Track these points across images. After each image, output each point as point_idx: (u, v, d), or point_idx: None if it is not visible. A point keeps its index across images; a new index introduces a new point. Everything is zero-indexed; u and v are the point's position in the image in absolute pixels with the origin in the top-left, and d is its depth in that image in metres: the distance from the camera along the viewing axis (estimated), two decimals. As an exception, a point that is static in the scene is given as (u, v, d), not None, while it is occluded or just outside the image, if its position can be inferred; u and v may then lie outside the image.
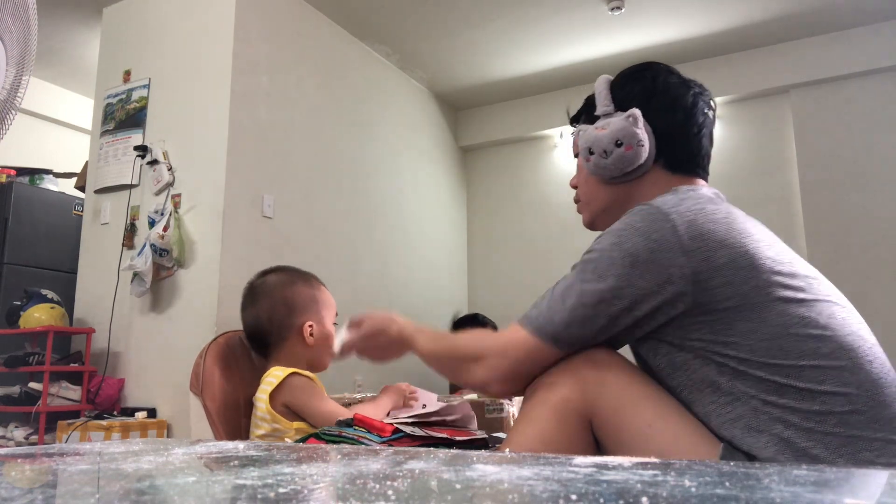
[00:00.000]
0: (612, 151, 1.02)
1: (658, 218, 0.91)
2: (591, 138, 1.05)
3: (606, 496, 0.35)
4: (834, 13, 3.51)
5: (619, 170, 1.03)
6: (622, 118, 1.02)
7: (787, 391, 0.84)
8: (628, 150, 1.01)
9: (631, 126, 1.01)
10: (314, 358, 1.48)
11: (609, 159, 1.02)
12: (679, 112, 1.03)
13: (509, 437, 0.98)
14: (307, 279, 1.53)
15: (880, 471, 0.41)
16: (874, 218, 3.50)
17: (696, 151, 1.04)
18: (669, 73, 1.08)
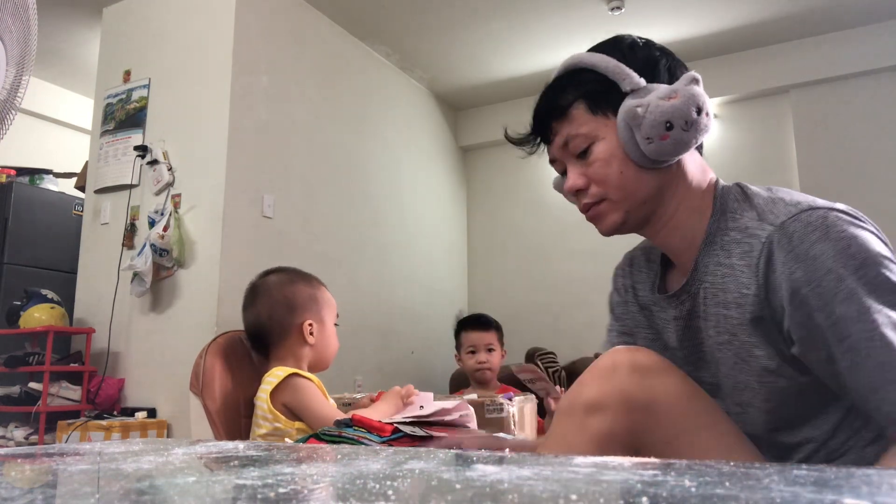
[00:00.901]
0: (694, 121, 0.85)
1: (849, 217, 0.82)
2: (666, 110, 0.85)
3: (606, 496, 0.35)
4: (834, 13, 3.51)
5: (673, 154, 0.87)
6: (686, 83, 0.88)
7: None
8: (705, 120, 0.87)
9: (681, 103, 0.86)
10: (315, 357, 1.49)
11: (690, 130, 0.86)
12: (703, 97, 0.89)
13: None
14: (308, 279, 1.54)
15: (881, 471, 0.41)
16: (874, 218, 3.49)
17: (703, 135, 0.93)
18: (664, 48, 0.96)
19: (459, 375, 3.41)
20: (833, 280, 0.77)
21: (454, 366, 3.49)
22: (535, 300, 4.39)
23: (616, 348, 0.86)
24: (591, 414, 0.80)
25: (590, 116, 0.93)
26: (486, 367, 2.59)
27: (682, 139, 0.86)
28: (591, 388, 0.82)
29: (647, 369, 0.82)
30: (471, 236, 4.74)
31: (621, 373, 0.81)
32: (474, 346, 2.62)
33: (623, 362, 0.82)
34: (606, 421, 0.79)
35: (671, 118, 0.85)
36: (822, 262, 0.78)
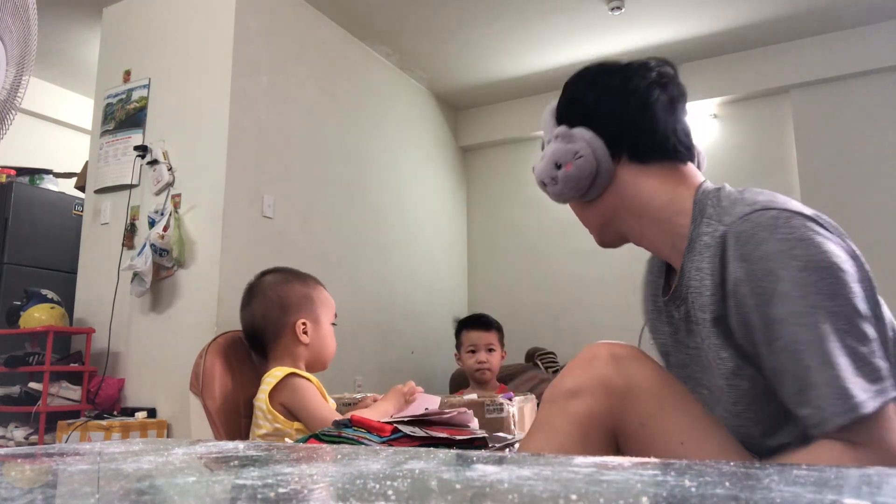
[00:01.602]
0: (557, 175, 0.96)
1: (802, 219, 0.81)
2: (537, 172, 1.00)
3: (606, 496, 0.35)
4: (834, 13, 3.51)
5: (575, 189, 0.97)
6: (552, 140, 0.98)
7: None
8: (569, 168, 0.95)
9: (562, 144, 0.96)
10: (311, 357, 1.48)
11: (559, 184, 0.97)
12: (613, 95, 0.97)
13: (525, 445, 0.92)
14: (304, 279, 1.54)
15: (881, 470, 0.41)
16: (874, 218, 3.50)
17: (654, 131, 0.95)
18: (599, 72, 1.02)
19: (459, 375, 3.41)
20: (772, 281, 0.78)
21: (454, 366, 3.49)
22: (535, 300, 4.39)
23: (597, 342, 0.93)
24: (572, 398, 0.87)
25: None
26: (486, 367, 2.59)
27: (557, 192, 0.98)
28: (571, 377, 0.89)
29: (624, 358, 0.88)
30: (471, 236, 4.74)
31: (600, 361, 0.88)
32: (475, 346, 2.62)
33: (601, 353, 0.89)
34: (586, 404, 0.86)
35: (541, 178, 1.00)
36: (763, 262, 0.79)
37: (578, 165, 0.95)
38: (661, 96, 0.96)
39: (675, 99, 0.97)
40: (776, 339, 0.78)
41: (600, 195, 0.98)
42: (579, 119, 0.97)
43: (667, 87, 0.97)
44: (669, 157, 0.97)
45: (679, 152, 0.97)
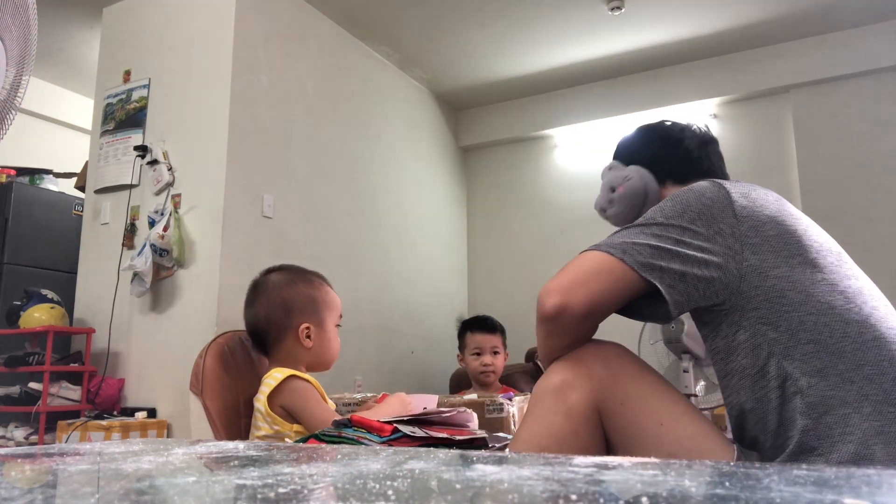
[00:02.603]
0: (612, 198, 1.21)
1: (710, 185, 0.99)
2: (597, 202, 1.26)
3: (606, 496, 0.35)
4: (834, 13, 3.51)
5: (630, 206, 1.19)
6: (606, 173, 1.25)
7: (829, 373, 0.85)
8: (621, 189, 1.20)
9: (614, 172, 1.23)
10: (313, 359, 1.47)
11: (616, 205, 1.21)
12: (654, 140, 1.23)
13: (517, 435, 0.97)
14: (308, 279, 1.51)
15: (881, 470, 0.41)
16: (874, 218, 3.50)
17: (688, 157, 1.18)
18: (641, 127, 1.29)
19: (459, 375, 3.41)
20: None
21: (454, 366, 3.49)
22: (535, 300, 4.37)
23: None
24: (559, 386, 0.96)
25: None
26: (491, 370, 2.58)
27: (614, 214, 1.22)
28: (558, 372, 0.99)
29: (611, 356, 0.98)
30: (471, 236, 4.74)
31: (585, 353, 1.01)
32: (479, 349, 2.62)
33: (587, 348, 1.00)
34: (573, 386, 0.95)
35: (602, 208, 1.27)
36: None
37: (628, 186, 1.19)
38: (693, 138, 1.21)
39: (708, 140, 1.22)
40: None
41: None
42: (627, 160, 1.24)
43: (696, 133, 1.23)
44: (704, 175, 1.15)
45: (714, 171, 1.18)
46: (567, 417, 0.92)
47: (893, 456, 0.79)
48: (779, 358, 0.87)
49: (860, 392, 0.83)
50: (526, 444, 0.91)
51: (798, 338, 0.87)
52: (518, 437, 0.95)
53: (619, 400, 0.92)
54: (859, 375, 0.84)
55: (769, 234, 0.91)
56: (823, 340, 0.86)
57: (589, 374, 0.95)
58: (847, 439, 0.81)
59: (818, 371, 0.85)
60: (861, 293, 0.91)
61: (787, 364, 0.87)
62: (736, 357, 0.92)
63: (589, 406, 0.93)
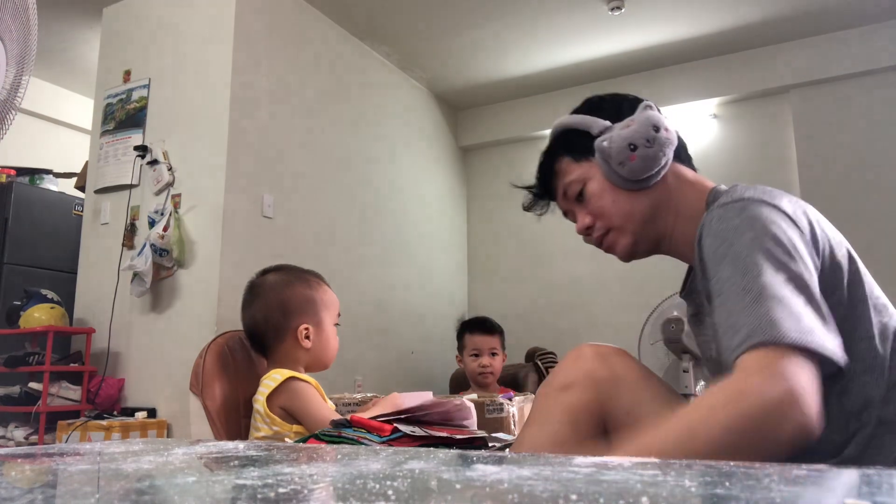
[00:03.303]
0: (655, 137, 0.97)
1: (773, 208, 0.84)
2: (627, 135, 0.98)
3: (606, 496, 0.35)
4: (834, 13, 3.51)
5: (663, 156, 0.98)
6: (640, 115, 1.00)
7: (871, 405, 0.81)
8: (667, 132, 0.99)
9: (655, 112, 1.01)
10: (312, 360, 1.47)
11: (654, 147, 0.97)
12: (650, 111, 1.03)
13: (520, 440, 0.96)
14: (306, 279, 1.51)
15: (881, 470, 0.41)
16: (874, 218, 3.50)
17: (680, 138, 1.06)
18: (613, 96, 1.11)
19: (459, 376, 3.41)
20: (725, 247, 0.82)
21: (454, 366, 3.49)
22: (535, 300, 4.39)
23: (582, 344, 1.01)
24: (563, 391, 0.94)
25: (575, 164, 1.06)
26: (489, 371, 2.60)
27: (647, 155, 0.97)
28: (561, 373, 0.97)
29: (608, 355, 0.96)
30: (471, 236, 4.74)
31: (586, 358, 0.96)
32: (478, 350, 2.63)
33: (587, 351, 0.97)
34: (575, 395, 0.93)
35: (632, 140, 0.97)
36: (724, 234, 0.84)
37: (671, 133, 1.00)
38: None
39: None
40: (719, 294, 0.79)
41: (656, 184, 1.00)
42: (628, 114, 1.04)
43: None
44: (689, 161, 1.07)
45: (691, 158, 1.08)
46: (573, 427, 0.91)
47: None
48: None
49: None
50: (530, 451, 0.91)
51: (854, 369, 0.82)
52: (521, 444, 0.94)
53: (625, 409, 0.91)
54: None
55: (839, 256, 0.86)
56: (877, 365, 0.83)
57: (594, 381, 0.93)
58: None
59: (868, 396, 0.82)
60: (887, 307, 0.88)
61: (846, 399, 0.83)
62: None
63: (594, 415, 0.91)
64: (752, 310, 0.73)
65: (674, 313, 3.08)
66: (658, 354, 3.21)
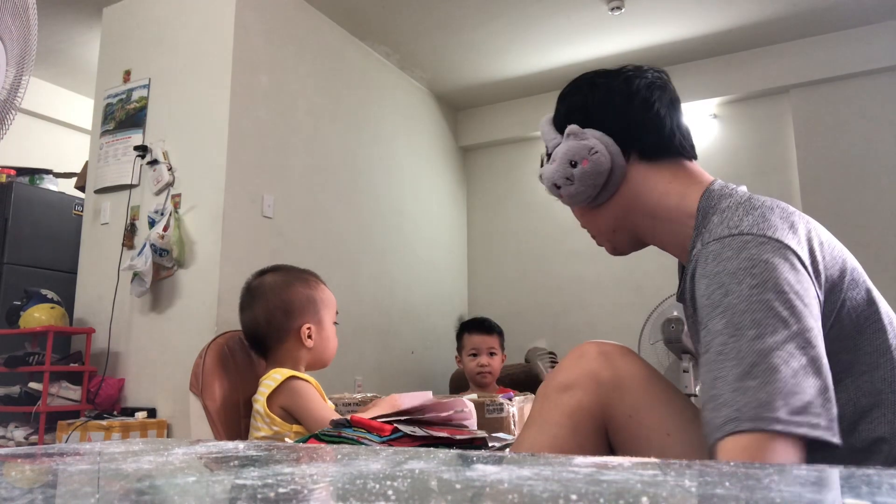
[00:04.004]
0: (573, 174, 0.94)
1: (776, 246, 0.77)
2: (549, 175, 0.97)
3: (606, 496, 0.35)
4: (834, 13, 3.51)
5: (592, 186, 0.94)
6: (563, 140, 0.96)
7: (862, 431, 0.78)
8: (585, 164, 0.93)
9: (574, 141, 0.95)
10: (314, 359, 1.48)
11: (576, 183, 0.94)
12: (617, 98, 0.96)
13: (519, 441, 0.94)
14: (304, 279, 1.51)
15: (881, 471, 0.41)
16: (874, 218, 3.50)
17: (661, 129, 0.95)
18: (596, 75, 1.02)
19: (459, 376, 3.41)
20: (721, 295, 0.75)
21: (454, 366, 3.49)
22: (535, 300, 4.39)
23: (585, 342, 0.96)
24: (564, 392, 0.90)
25: None
26: (487, 371, 2.60)
27: (572, 192, 0.96)
28: (562, 373, 0.93)
29: (611, 354, 0.91)
30: (471, 236, 4.74)
31: (589, 357, 0.91)
32: (476, 350, 2.63)
33: (590, 350, 0.93)
34: (576, 396, 0.89)
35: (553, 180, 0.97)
36: (719, 277, 0.77)
37: (594, 160, 0.93)
38: (663, 96, 0.97)
39: (675, 100, 0.98)
40: (707, 350, 0.74)
41: (611, 197, 0.97)
42: (584, 123, 0.96)
43: (665, 88, 0.98)
44: (676, 154, 0.96)
45: (685, 149, 0.97)
46: (573, 431, 0.88)
47: None
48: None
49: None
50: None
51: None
52: (521, 446, 0.92)
53: (628, 412, 0.87)
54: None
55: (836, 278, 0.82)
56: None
57: (597, 382, 0.89)
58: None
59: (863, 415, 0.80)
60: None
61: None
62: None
63: (596, 418, 0.88)
64: (739, 384, 0.68)
65: (674, 313, 3.08)
66: (658, 354, 3.21)
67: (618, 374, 0.89)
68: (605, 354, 0.92)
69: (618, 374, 0.89)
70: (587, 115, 0.97)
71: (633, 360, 0.92)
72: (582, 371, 0.91)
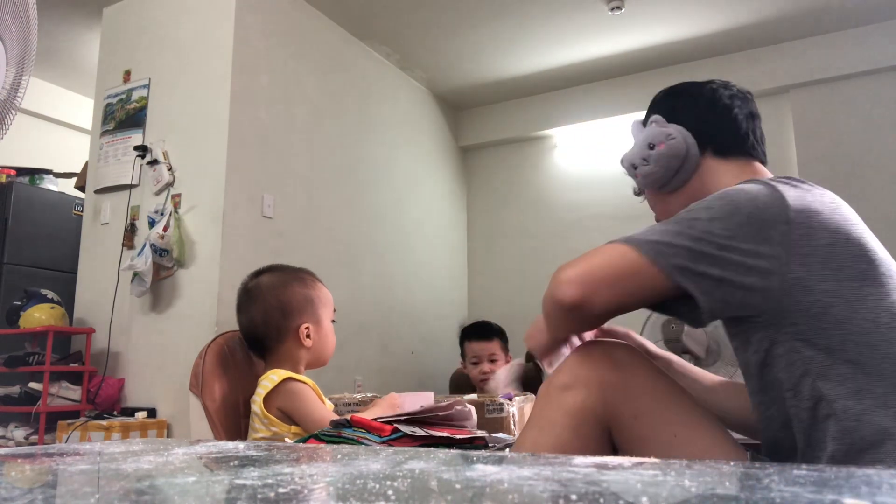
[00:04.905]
0: (650, 155, 1.07)
1: (768, 187, 0.90)
2: (629, 156, 1.10)
3: (606, 496, 0.35)
4: (834, 13, 3.51)
5: (667, 168, 1.06)
6: (644, 132, 1.09)
7: (866, 396, 0.80)
8: (661, 147, 1.05)
9: (653, 128, 1.08)
10: (312, 358, 1.48)
11: (651, 164, 1.07)
12: (701, 102, 1.08)
13: (521, 442, 0.93)
14: (301, 279, 1.51)
15: (881, 470, 0.41)
16: (874, 218, 3.49)
17: (737, 131, 1.06)
18: (687, 84, 1.14)
19: (459, 376, 3.41)
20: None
21: (454, 366, 3.48)
22: (535, 300, 4.35)
23: (590, 340, 0.99)
24: (566, 392, 0.90)
25: None
26: (490, 378, 2.60)
27: (647, 173, 1.08)
28: (566, 372, 0.93)
29: (617, 353, 0.92)
30: (471, 236, 4.74)
31: (594, 357, 0.92)
32: (477, 357, 2.65)
33: (595, 349, 0.93)
34: (579, 396, 0.89)
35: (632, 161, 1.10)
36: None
37: (670, 145, 1.05)
38: (743, 106, 1.09)
39: (754, 114, 1.11)
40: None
41: (684, 185, 1.07)
42: (669, 119, 1.09)
43: (746, 100, 1.11)
44: (747, 153, 1.07)
45: (756, 150, 1.08)
46: (576, 431, 0.87)
47: None
48: (813, 377, 0.83)
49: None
50: None
51: (836, 357, 0.82)
52: (523, 446, 0.91)
53: (633, 413, 0.87)
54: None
55: (820, 244, 0.86)
56: (864, 362, 0.81)
57: (600, 382, 0.89)
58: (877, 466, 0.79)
59: (854, 394, 0.80)
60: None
61: (822, 384, 0.82)
62: (771, 371, 0.86)
63: (599, 420, 0.87)
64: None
65: (674, 313, 3.07)
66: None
67: (624, 375, 0.90)
68: (609, 353, 0.92)
69: (624, 375, 0.90)
70: (672, 113, 1.10)
71: (639, 361, 0.92)
72: (586, 371, 0.90)
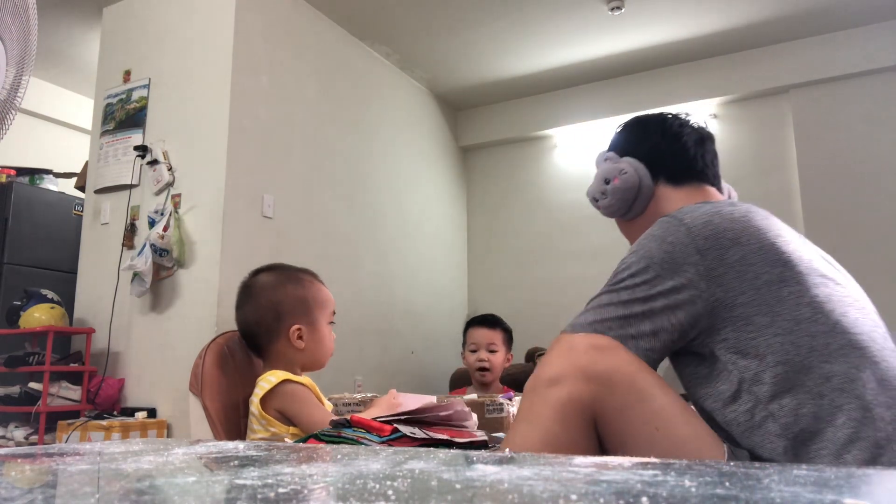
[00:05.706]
0: (606, 189, 1.17)
1: (672, 223, 0.97)
2: (590, 190, 1.21)
3: (606, 496, 0.35)
4: (834, 13, 3.51)
5: (622, 200, 1.16)
6: (600, 168, 1.20)
7: (799, 390, 0.85)
8: (616, 181, 1.16)
9: (609, 163, 1.18)
10: (307, 360, 1.46)
11: (609, 196, 1.17)
12: (653, 133, 1.18)
13: (509, 438, 0.95)
14: (298, 279, 1.48)
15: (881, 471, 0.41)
16: (874, 218, 3.50)
17: (685, 156, 1.15)
18: (641, 117, 1.24)
19: (459, 375, 3.41)
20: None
21: (454, 366, 3.49)
22: (535, 300, 4.39)
23: (574, 334, 0.99)
24: (552, 386, 0.91)
25: None
26: (486, 367, 2.49)
27: (606, 205, 1.18)
28: (551, 366, 0.94)
29: (602, 347, 0.93)
30: (471, 236, 4.74)
31: (578, 351, 0.93)
32: (476, 344, 2.53)
33: (580, 343, 0.95)
34: (566, 390, 0.90)
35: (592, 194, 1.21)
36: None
37: (623, 179, 1.15)
38: (692, 133, 1.18)
39: (705, 137, 1.19)
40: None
41: (642, 212, 1.17)
42: (623, 153, 1.20)
43: (695, 127, 1.19)
44: (698, 178, 1.15)
45: (706, 174, 1.16)
46: (564, 425, 0.88)
47: (865, 462, 0.80)
48: (749, 384, 0.89)
49: (832, 404, 0.84)
50: (520, 450, 0.89)
51: (766, 361, 0.88)
52: (512, 442, 0.92)
53: (618, 407, 0.89)
54: (829, 387, 0.84)
55: (733, 260, 0.92)
56: (791, 359, 0.86)
57: (586, 375, 0.90)
58: (821, 453, 0.82)
59: (788, 391, 0.86)
60: (830, 300, 0.90)
61: (757, 389, 0.88)
62: (714, 384, 0.94)
63: (586, 412, 0.89)
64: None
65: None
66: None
67: (609, 369, 0.91)
68: (595, 348, 0.93)
69: (609, 369, 0.91)
70: (626, 145, 1.20)
71: (623, 355, 0.93)
72: (571, 364, 0.91)
